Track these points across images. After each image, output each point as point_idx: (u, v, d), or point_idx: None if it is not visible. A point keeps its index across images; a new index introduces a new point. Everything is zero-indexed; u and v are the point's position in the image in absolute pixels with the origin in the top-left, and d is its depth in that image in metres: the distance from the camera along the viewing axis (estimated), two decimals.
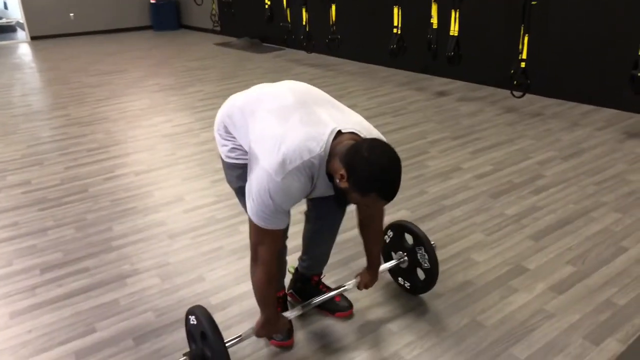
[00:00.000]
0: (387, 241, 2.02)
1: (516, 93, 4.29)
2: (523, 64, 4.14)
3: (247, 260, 1.56)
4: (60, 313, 1.98)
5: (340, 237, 1.97)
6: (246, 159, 1.49)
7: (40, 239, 2.56)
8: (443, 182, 3.01)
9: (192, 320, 1.53)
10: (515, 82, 4.21)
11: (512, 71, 4.21)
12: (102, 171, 3.40)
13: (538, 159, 3.29)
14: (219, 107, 1.68)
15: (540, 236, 2.40)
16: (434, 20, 4.92)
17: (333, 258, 2.04)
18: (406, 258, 1.95)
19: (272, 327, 1.58)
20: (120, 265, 2.30)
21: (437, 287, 1.97)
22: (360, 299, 1.99)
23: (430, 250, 1.85)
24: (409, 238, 1.94)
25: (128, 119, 4.57)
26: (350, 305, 1.93)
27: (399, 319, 1.88)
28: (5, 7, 10.68)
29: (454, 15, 4.58)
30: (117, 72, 6.67)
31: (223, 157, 1.63)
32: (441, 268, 2.02)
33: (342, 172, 1.28)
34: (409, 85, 5.34)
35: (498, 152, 3.44)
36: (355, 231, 1.85)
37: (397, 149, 3.76)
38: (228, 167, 1.64)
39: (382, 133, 1.50)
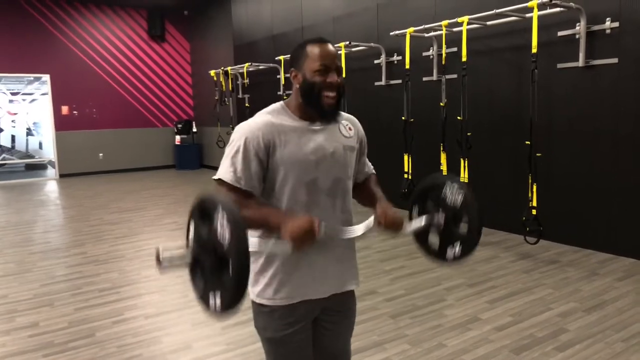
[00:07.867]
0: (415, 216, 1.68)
1: (530, 239, 4.30)
2: (534, 211, 4.21)
3: None
4: None
5: None
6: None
7: None
8: (462, 334, 2.90)
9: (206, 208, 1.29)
10: (527, 229, 4.25)
11: (523, 218, 4.28)
12: (112, 313, 3.34)
13: (559, 310, 3.19)
14: None
15: None
16: (444, 168, 5.15)
17: None
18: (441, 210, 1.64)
19: (293, 223, 1.35)
20: None
21: None
22: None
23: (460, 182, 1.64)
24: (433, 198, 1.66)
25: (143, 257, 4.61)
26: None
27: None
28: (40, 147, 11.46)
29: (463, 164, 4.80)
30: (137, 209, 6.90)
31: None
32: None
33: (291, 71, 1.50)
34: None
35: (517, 301, 3.35)
36: None
37: (413, 295, 3.65)
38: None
39: (397, 277, 1.51)
